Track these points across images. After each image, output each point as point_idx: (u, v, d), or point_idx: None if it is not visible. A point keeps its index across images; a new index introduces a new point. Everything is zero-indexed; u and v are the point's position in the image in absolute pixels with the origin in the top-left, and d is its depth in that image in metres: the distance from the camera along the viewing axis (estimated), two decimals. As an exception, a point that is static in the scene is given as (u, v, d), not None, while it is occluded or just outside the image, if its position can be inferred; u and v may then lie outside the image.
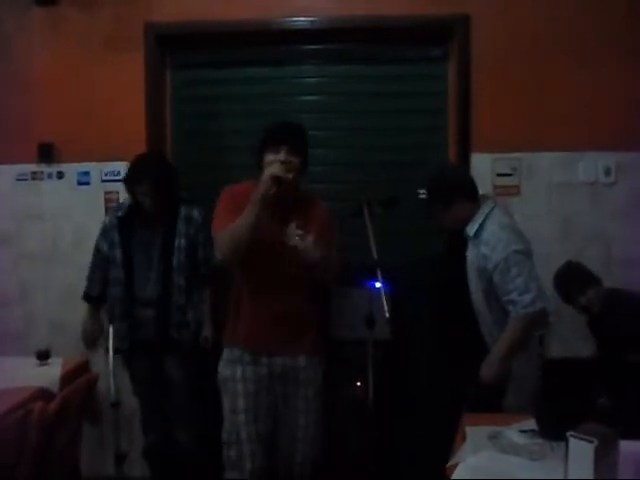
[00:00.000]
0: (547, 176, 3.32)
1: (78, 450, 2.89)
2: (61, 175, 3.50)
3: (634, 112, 3.21)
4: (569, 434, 1.52)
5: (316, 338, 2.56)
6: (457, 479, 1.73)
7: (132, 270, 3.01)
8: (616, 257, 3.27)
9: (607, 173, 3.28)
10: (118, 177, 3.33)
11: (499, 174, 3.33)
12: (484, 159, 3.31)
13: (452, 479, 1.74)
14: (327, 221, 2.55)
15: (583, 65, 3.25)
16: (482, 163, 3.31)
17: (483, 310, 2.56)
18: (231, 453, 2.44)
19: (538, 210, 3.31)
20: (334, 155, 3.48)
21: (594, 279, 3.03)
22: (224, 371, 2.50)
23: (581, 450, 1.49)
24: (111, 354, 2.63)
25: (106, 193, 3.47)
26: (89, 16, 3.41)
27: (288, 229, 2.32)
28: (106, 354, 2.52)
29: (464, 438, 2.00)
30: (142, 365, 3.08)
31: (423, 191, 2.68)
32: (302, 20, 3.34)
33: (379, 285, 2.46)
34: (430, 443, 2.86)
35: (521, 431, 1.98)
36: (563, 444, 1.56)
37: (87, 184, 3.49)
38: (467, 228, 2.56)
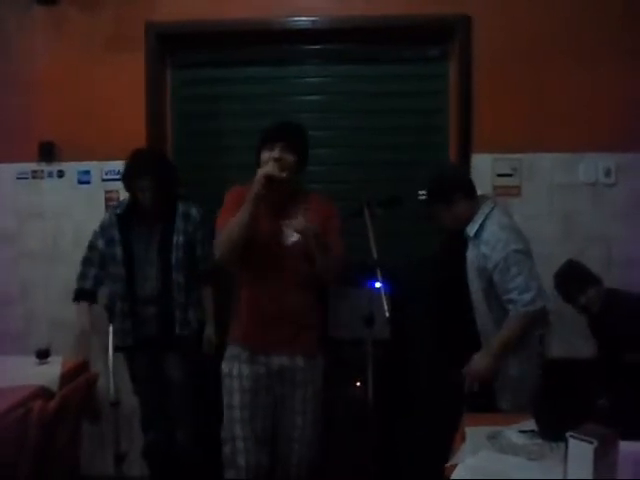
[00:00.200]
0: (548, 177, 3.32)
1: (78, 449, 2.90)
2: (62, 174, 3.51)
3: (634, 113, 3.21)
4: (568, 435, 1.52)
5: (316, 339, 2.55)
6: (456, 479, 1.73)
7: (133, 267, 3.01)
8: (616, 257, 3.28)
9: (607, 174, 3.28)
10: (118, 176, 3.31)
11: (499, 174, 3.32)
12: (485, 159, 3.31)
13: (451, 479, 1.74)
14: (329, 211, 2.52)
15: (583, 65, 3.24)
16: (483, 163, 3.31)
17: (483, 310, 2.57)
18: (227, 450, 2.44)
19: (539, 211, 3.31)
20: (334, 155, 3.48)
21: (594, 279, 3.03)
22: (224, 368, 2.51)
23: (580, 451, 1.49)
24: (111, 353, 2.63)
25: (106, 192, 3.47)
26: (90, 15, 3.41)
27: (286, 228, 2.32)
28: (106, 353, 2.52)
29: (463, 438, 2.00)
30: (142, 364, 3.08)
31: (423, 192, 2.69)
32: (303, 20, 3.34)
33: (379, 285, 2.46)
34: (429, 443, 2.86)
35: (520, 431, 1.98)
36: (562, 445, 1.55)
37: (87, 183, 3.49)
38: (467, 228, 2.58)
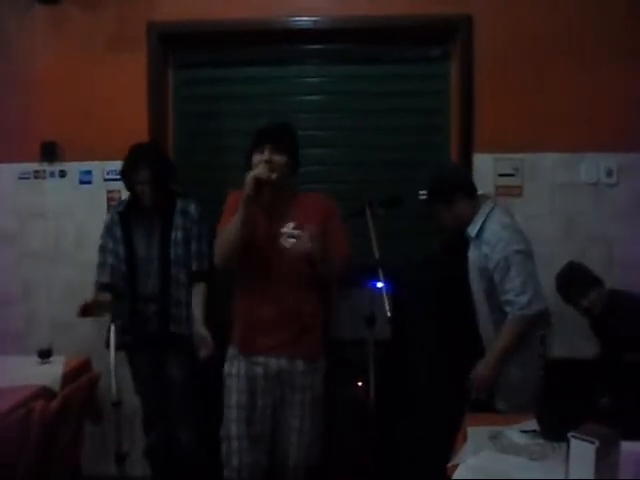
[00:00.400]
0: (549, 177, 3.31)
1: (79, 449, 2.89)
2: (63, 174, 3.51)
3: (636, 113, 3.21)
4: (570, 435, 1.52)
5: (317, 342, 2.51)
6: (458, 479, 1.73)
7: (135, 265, 3.00)
8: (618, 258, 3.27)
9: (609, 174, 3.28)
10: (120, 176, 3.32)
11: (501, 174, 3.32)
12: (486, 159, 3.31)
13: (453, 479, 1.74)
14: (330, 210, 2.49)
15: (585, 65, 3.24)
16: (484, 163, 3.31)
17: (484, 310, 2.56)
18: (223, 449, 2.44)
19: (540, 211, 3.30)
20: (336, 155, 3.48)
21: (596, 280, 3.03)
22: (226, 368, 2.51)
23: (582, 451, 1.49)
24: (112, 353, 2.63)
25: (108, 192, 3.47)
26: (91, 15, 3.41)
27: (283, 229, 2.32)
28: (108, 352, 2.51)
29: (465, 438, 2.00)
30: (144, 363, 3.08)
31: (424, 192, 2.69)
32: (304, 20, 3.35)
33: (380, 285, 2.45)
34: (431, 443, 2.86)
35: (522, 431, 1.98)
36: (564, 445, 1.55)
37: (89, 183, 3.50)
38: (468, 229, 2.57)
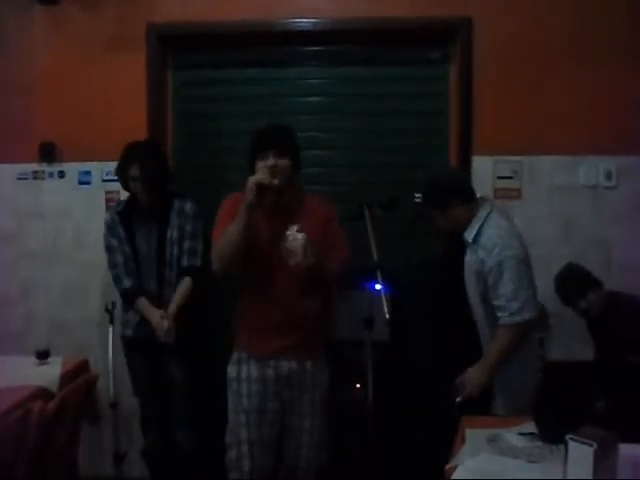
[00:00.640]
0: (548, 179, 3.32)
1: (77, 450, 2.88)
2: (62, 174, 3.50)
3: (635, 115, 3.21)
4: (568, 437, 1.52)
5: (321, 343, 2.54)
6: (456, 480, 1.73)
7: (138, 264, 3.00)
8: (616, 260, 3.27)
9: (608, 177, 3.28)
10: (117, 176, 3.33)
11: (500, 177, 3.32)
12: (485, 162, 3.31)
13: (451, 480, 1.74)
14: (329, 214, 2.51)
15: (584, 67, 3.24)
16: (483, 166, 3.31)
17: (480, 314, 2.56)
18: (232, 454, 2.43)
19: (539, 213, 3.30)
20: (335, 157, 3.48)
21: (595, 282, 3.03)
22: (231, 372, 2.50)
23: (580, 453, 1.49)
24: (110, 354, 2.64)
25: (107, 193, 3.46)
26: (91, 15, 3.41)
27: (288, 232, 2.32)
28: (106, 353, 2.51)
29: (463, 440, 2.00)
30: (143, 364, 3.07)
31: (419, 195, 2.67)
32: (303, 21, 3.34)
33: (379, 287, 2.45)
34: (429, 444, 2.86)
35: (520, 434, 1.98)
36: (562, 447, 1.56)
37: (88, 184, 3.49)
38: (465, 234, 2.53)
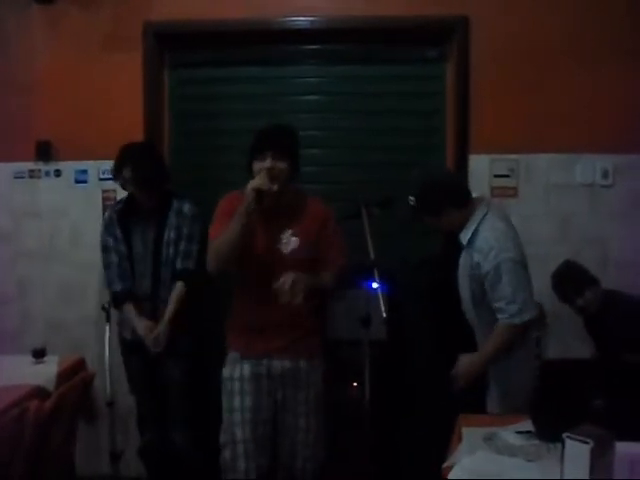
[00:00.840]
0: (545, 177, 3.32)
1: (73, 449, 2.88)
2: (59, 173, 3.50)
3: (633, 114, 3.22)
4: (565, 435, 1.52)
5: (317, 342, 2.54)
6: (453, 479, 1.73)
7: (133, 264, 3.00)
8: (613, 258, 3.28)
9: (605, 175, 3.28)
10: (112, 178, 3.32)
11: (497, 175, 3.33)
12: (482, 160, 3.31)
13: (448, 479, 1.74)
14: (326, 218, 2.49)
15: (581, 66, 3.25)
16: (480, 164, 3.31)
17: (472, 316, 2.57)
18: (226, 454, 2.42)
19: (536, 211, 3.31)
20: (332, 155, 3.48)
21: (592, 280, 3.03)
22: (225, 372, 2.49)
23: (577, 451, 1.49)
24: (107, 353, 2.63)
25: (103, 192, 3.46)
26: (88, 14, 3.40)
27: (281, 236, 2.32)
28: (103, 352, 2.51)
29: (460, 439, 2.00)
30: (139, 364, 3.06)
31: (413, 198, 2.65)
32: (301, 20, 3.34)
33: (376, 285, 2.45)
34: (427, 443, 2.86)
35: (517, 432, 1.98)
36: (559, 445, 1.56)
37: (84, 182, 3.49)
38: (460, 236, 2.52)
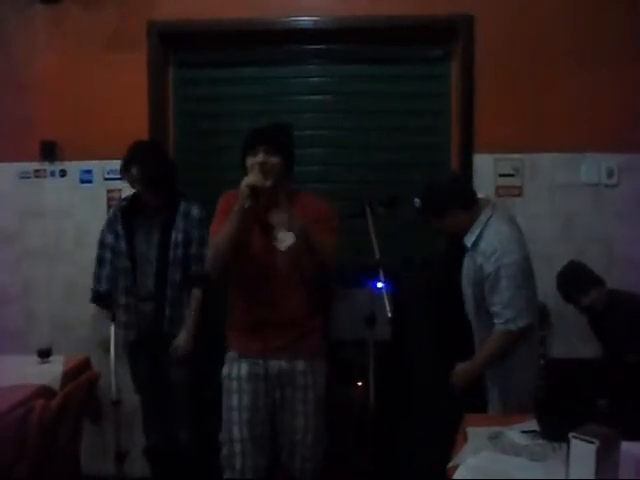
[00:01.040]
0: (549, 177, 3.31)
1: (79, 448, 2.88)
2: (64, 173, 3.50)
3: (637, 113, 3.21)
4: (570, 435, 1.52)
5: (317, 342, 2.51)
6: (458, 479, 1.73)
7: (135, 263, 3.00)
8: (617, 258, 3.27)
9: (609, 174, 3.28)
10: (120, 175, 3.32)
11: (501, 175, 3.32)
12: (486, 160, 3.31)
13: (453, 479, 1.74)
14: (319, 212, 2.42)
15: (586, 65, 3.24)
16: (484, 164, 3.31)
17: (474, 319, 2.57)
18: (224, 452, 2.42)
19: (540, 210, 3.30)
20: (336, 155, 3.48)
21: (597, 280, 3.03)
22: (224, 370, 2.49)
23: (582, 451, 1.49)
24: (112, 352, 2.63)
25: (108, 191, 3.47)
26: (92, 14, 3.41)
27: (278, 233, 2.31)
28: (108, 352, 2.51)
29: (465, 439, 2.00)
30: (143, 363, 3.08)
31: (418, 200, 2.65)
32: (305, 20, 3.34)
33: (381, 285, 2.45)
34: (431, 444, 2.86)
35: (522, 432, 1.98)
36: (564, 445, 1.55)
37: (89, 182, 3.49)
38: (465, 238, 2.52)
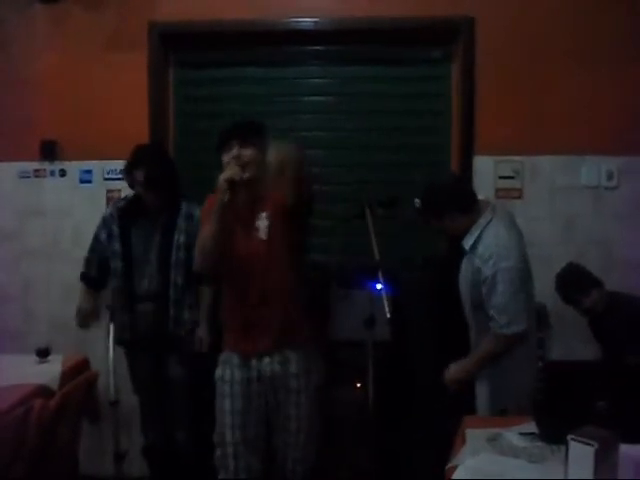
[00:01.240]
0: (550, 179, 3.31)
1: (77, 448, 2.88)
2: (63, 173, 3.51)
3: (637, 116, 3.21)
4: (569, 437, 1.52)
5: (311, 342, 2.49)
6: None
7: (131, 263, 3.01)
8: (617, 260, 3.27)
9: (609, 177, 3.28)
10: (120, 175, 3.31)
11: (502, 177, 3.32)
12: (487, 162, 3.31)
13: (452, 480, 1.74)
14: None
15: (586, 67, 3.24)
16: (485, 166, 3.31)
17: (470, 320, 2.57)
18: (218, 453, 2.43)
19: (540, 213, 3.30)
20: (336, 156, 3.48)
21: (596, 281, 3.03)
22: (217, 372, 2.48)
23: (581, 453, 1.49)
24: (111, 352, 2.63)
25: (108, 191, 3.47)
26: (92, 14, 3.41)
27: (258, 223, 2.32)
28: (106, 352, 2.51)
29: (464, 440, 2.00)
30: (142, 363, 3.08)
31: (418, 200, 2.65)
32: (305, 21, 3.34)
33: (380, 286, 2.45)
34: (430, 445, 2.86)
35: (521, 434, 1.98)
36: (563, 447, 1.55)
37: (89, 182, 3.50)
38: (463, 241, 2.52)
